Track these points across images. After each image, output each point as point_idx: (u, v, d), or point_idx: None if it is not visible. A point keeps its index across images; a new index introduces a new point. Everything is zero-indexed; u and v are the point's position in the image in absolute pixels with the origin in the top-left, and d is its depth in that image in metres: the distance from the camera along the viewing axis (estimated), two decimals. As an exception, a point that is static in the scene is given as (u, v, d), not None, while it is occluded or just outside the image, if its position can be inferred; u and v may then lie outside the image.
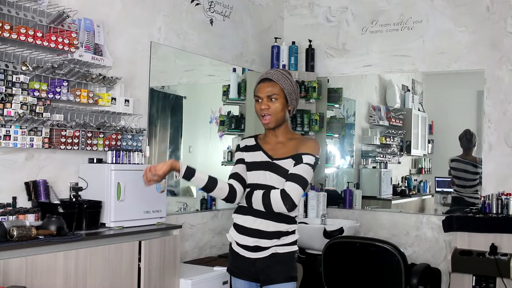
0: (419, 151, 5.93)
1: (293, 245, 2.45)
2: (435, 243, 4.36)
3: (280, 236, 2.40)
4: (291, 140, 2.48)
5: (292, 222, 2.45)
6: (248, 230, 2.41)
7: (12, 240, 2.42)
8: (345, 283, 3.46)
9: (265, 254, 2.39)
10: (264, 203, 2.34)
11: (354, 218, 4.66)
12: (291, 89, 2.43)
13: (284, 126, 2.49)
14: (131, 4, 3.59)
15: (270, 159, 2.45)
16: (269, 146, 2.50)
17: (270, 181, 2.40)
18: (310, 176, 2.38)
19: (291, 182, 2.33)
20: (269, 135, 2.52)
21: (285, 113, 2.45)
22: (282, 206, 2.31)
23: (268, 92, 2.42)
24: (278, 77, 2.42)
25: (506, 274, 3.60)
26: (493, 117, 4.26)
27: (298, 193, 2.32)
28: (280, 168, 2.40)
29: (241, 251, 2.44)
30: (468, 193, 4.27)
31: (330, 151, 5.18)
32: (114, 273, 2.84)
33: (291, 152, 2.42)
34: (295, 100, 2.46)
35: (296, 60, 4.88)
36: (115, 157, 3.15)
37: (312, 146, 2.43)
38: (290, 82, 2.43)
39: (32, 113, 2.83)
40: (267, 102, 2.42)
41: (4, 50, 2.75)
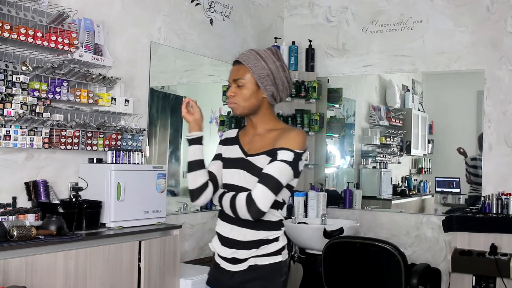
0: (419, 151, 5.93)
1: (276, 255, 2.04)
2: (435, 243, 4.36)
3: (258, 245, 2.02)
4: (271, 132, 2.09)
5: (274, 228, 2.05)
6: (226, 240, 2.06)
7: (12, 240, 2.42)
8: (345, 283, 3.46)
9: (243, 266, 2.02)
10: (231, 208, 1.99)
11: (354, 218, 4.66)
12: (264, 73, 2.03)
13: (261, 115, 2.11)
14: (131, 4, 3.59)
15: (244, 155, 2.09)
16: (247, 139, 2.14)
17: (245, 182, 2.03)
18: (286, 176, 1.98)
19: (259, 185, 1.95)
20: (248, 126, 2.18)
21: (258, 100, 2.07)
22: (246, 213, 1.94)
23: (234, 76, 2.09)
24: (249, 59, 2.06)
25: (506, 274, 3.60)
26: (493, 117, 4.26)
27: (266, 198, 1.93)
28: (255, 166, 2.03)
29: (221, 262, 2.08)
30: None
31: (330, 151, 5.18)
32: (114, 273, 2.84)
33: (268, 146, 2.04)
34: (273, 86, 2.05)
35: (296, 60, 4.88)
36: (115, 157, 3.15)
37: (292, 139, 2.02)
38: (266, 64, 2.03)
39: (32, 113, 2.83)
40: (235, 89, 2.08)
41: (4, 50, 2.75)
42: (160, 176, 3.26)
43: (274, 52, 2.09)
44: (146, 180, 3.18)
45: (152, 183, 3.21)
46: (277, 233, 2.06)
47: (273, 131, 2.09)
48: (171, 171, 4.18)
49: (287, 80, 2.09)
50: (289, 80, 2.10)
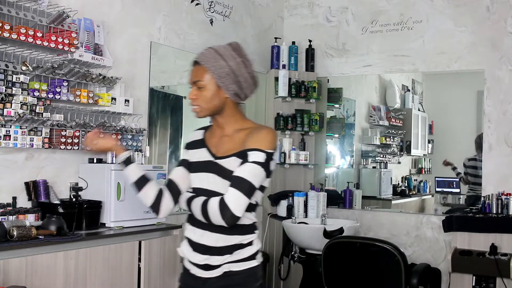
0: (419, 151, 5.93)
1: (251, 259, 1.96)
2: (435, 243, 4.36)
3: (232, 250, 1.93)
4: (240, 132, 1.98)
5: (248, 232, 1.97)
6: (197, 246, 1.96)
7: (12, 240, 2.42)
8: (345, 283, 3.46)
9: (216, 273, 1.93)
10: (203, 213, 1.90)
11: (354, 218, 4.65)
12: (224, 72, 1.91)
13: (227, 115, 2.00)
14: (131, 4, 3.59)
15: (213, 157, 1.98)
16: (214, 140, 2.03)
17: (215, 186, 1.94)
18: (258, 178, 1.88)
19: (232, 189, 1.85)
20: (214, 126, 2.06)
21: (220, 101, 1.96)
22: (220, 219, 1.85)
23: (193, 78, 1.97)
24: (207, 58, 1.94)
25: (506, 274, 3.60)
26: (493, 117, 4.26)
27: (240, 203, 1.84)
28: (225, 169, 1.92)
29: (193, 268, 1.99)
30: (481, 190, 4.29)
31: (330, 151, 5.18)
32: (114, 273, 2.84)
33: (237, 147, 1.94)
34: (235, 84, 1.94)
35: (296, 60, 4.88)
36: (115, 157, 3.14)
37: (263, 139, 1.91)
38: (225, 62, 1.91)
39: (32, 113, 2.83)
40: (195, 91, 1.96)
41: (4, 50, 2.75)
42: (160, 176, 3.26)
43: (234, 48, 1.97)
44: (146, 180, 3.17)
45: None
46: (251, 237, 1.98)
47: (241, 131, 1.98)
48: (171, 171, 4.18)
49: (251, 76, 1.97)
50: (253, 76, 1.99)
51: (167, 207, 2.04)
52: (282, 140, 4.74)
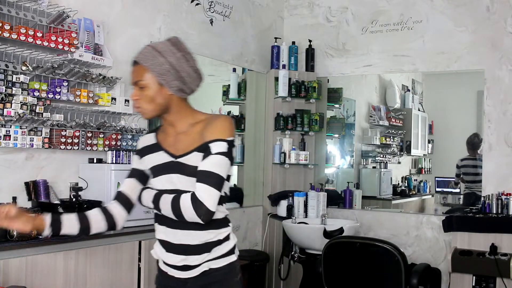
0: (419, 151, 5.93)
1: (229, 255, 1.94)
2: (435, 243, 4.36)
3: (210, 248, 1.90)
4: (195, 126, 1.92)
5: (222, 226, 1.93)
6: (173, 247, 1.91)
7: (12, 240, 2.42)
8: (345, 283, 3.46)
9: (196, 272, 1.90)
10: (175, 212, 1.83)
11: (354, 218, 4.65)
12: (164, 68, 1.85)
13: (176, 111, 1.93)
14: (131, 4, 3.59)
15: (173, 157, 1.92)
16: (170, 140, 1.96)
17: (180, 185, 1.88)
18: (225, 168, 1.84)
19: (202, 184, 1.80)
20: (166, 126, 2.00)
21: (165, 98, 1.90)
22: (195, 216, 1.79)
23: (134, 78, 1.91)
24: (145, 57, 1.88)
25: (506, 274, 3.60)
26: (493, 117, 4.26)
27: (212, 197, 1.80)
28: (188, 166, 1.87)
29: (170, 270, 1.95)
30: (478, 188, 4.30)
31: (330, 151, 5.19)
32: (114, 273, 2.84)
33: (196, 142, 1.88)
34: (178, 79, 1.88)
35: (296, 60, 4.88)
36: (115, 157, 3.15)
37: (221, 128, 1.87)
38: (164, 59, 1.86)
39: (32, 113, 2.83)
40: (137, 92, 1.90)
41: (4, 50, 2.75)
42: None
43: (173, 43, 1.91)
44: (146, 180, 3.17)
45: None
46: (227, 231, 1.95)
47: (196, 124, 1.93)
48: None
49: (194, 69, 1.91)
50: (196, 69, 1.93)
51: (122, 221, 1.99)
52: (282, 140, 4.74)
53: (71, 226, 1.89)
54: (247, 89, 4.76)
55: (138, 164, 2.03)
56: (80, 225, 1.90)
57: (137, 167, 2.03)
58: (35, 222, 1.83)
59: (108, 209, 1.98)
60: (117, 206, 1.98)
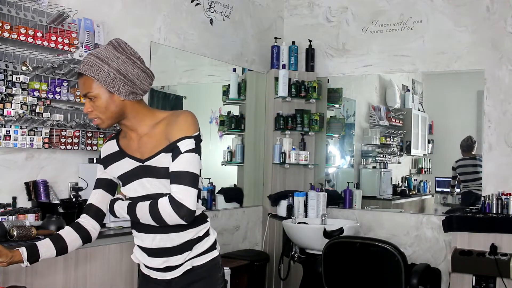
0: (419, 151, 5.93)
1: (211, 250, 1.93)
2: (435, 243, 4.36)
3: (191, 246, 1.88)
4: (156, 126, 1.86)
5: (200, 223, 1.91)
6: (152, 251, 1.89)
7: (12, 240, 2.42)
8: (345, 283, 3.46)
9: (179, 272, 1.88)
10: (154, 219, 1.79)
11: (354, 218, 4.66)
12: (111, 76, 1.78)
13: (133, 115, 1.87)
14: (131, 4, 3.59)
15: (140, 162, 1.87)
16: (133, 145, 1.90)
17: (152, 189, 1.85)
18: (196, 165, 1.80)
19: (178, 185, 1.77)
20: (126, 131, 1.93)
21: (118, 105, 1.82)
22: (177, 218, 1.76)
23: (82, 91, 1.83)
24: (89, 67, 1.78)
25: (506, 274, 3.60)
26: (493, 117, 4.26)
27: (191, 196, 1.76)
28: (157, 169, 1.83)
29: (152, 273, 1.92)
30: (475, 186, 4.35)
31: (330, 151, 5.19)
32: (114, 273, 2.84)
33: (161, 142, 1.83)
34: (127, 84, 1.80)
35: (296, 60, 4.88)
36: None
37: (184, 124, 1.82)
38: (108, 66, 1.78)
39: (32, 113, 2.83)
40: (89, 103, 1.83)
41: (4, 50, 2.75)
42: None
43: (115, 46, 1.83)
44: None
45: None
46: (205, 227, 1.92)
47: (157, 124, 1.87)
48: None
49: (142, 69, 1.84)
50: (144, 69, 1.85)
51: (96, 233, 1.96)
52: (282, 140, 4.74)
53: (47, 251, 1.85)
54: (247, 89, 4.76)
55: (103, 173, 1.97)
56: (56, 248, 1.87)
57: (102, 176, 1.97)
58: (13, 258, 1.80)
59: (80, 224, 1.94)
60: (89, 220, 1.95)
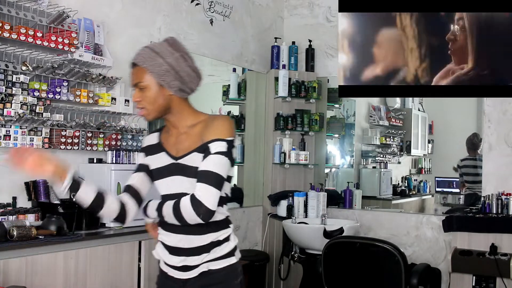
0: (419, 151, 5.94)
1: (229, 256, 1.93)
2: (435, 243, 4.36)
3: (209, 248, 1.90)
4: (195, 126, 1.92)
5: (222, 227, 1.93)
6: (173, 249, 1.93)
7: (12, 240, 2.42)
8: (345, 283, 3.46)
9: (195, 273, 1.90)
10: (176, 216, 1.84)
11: (354, 218, 4.65)
12: (163, 69, 1.86)
13: (177, 112, 1.94)
14: (131, 4, 3.59)
15: (173, 159, 1.93)
16: (172, 141, 1.97)
17: (183, 188, 1.88)
18: (225, 168, 1.84)
19: (201, 184, 1.81)
20: (169, 126, 1.99)
21: (165, 99, 1.90)
22: (195, 216, 1.80)
23: (134, 80, 1.92)
24: (144, 58, 1.88)
25: (506, 274, 3.60)
26: (493, 117, 4.25)
27: (212, 196, 1.80)
28: (189, 167, 1.87)
29: (170, 270, 1.96)
30: (480, 188, 4.29)
31: (330, 151, 5.19)
32: (114, 273, 2.84)
33: (196, 142, 1.88)
34: (177, 80, 1.88)
35: (296, 60, 4.88)
36: (115, 157, 3.15)
37: (220, 128, 1.86)
38: (163, 60, 1.86)
39: (32, 113, 2.83)
40: (138, 93, 1.91)
41: (4, 50, 2.75)
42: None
43: (170, 43, 1.91)
44: (146, 180, 3.17)
45: (152, 183, 3.21)
46: (226, 232, 1.93)
47: (196, 125, 1.92)
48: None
49: (192, 68, 1.91)
50: (195, 69, 1.92)
51: (132, 214, 1.97)
52: (282, 140, 4.74)
53: (86, 192, 1.87)
54: (247, 89, 4.76)
55: (144, 160, 2.02)
56: (94, 199, 1.88)
57: (144, 162, 2.02)
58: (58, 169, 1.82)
59: (123, 201, 1.96)
60: (129, 198, 1.97)
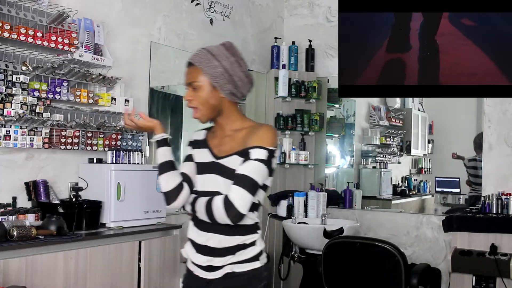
0: (419, 151, 5.93)
1: (254, 260, 1.96)
2: (435, 243, 4.36)
3: (235, 251, 1.94)
4: (240, 131, 1.99)
5: (250, 232, 1.97)
6: (200, 247, 1.98)
7: (12, 240, 2.42)
8: (345, 283, 3.46)
9: (219, 274, 1.95)
10: (207, 213, 1.91)
11: (354, 218, 4.65)
12: (218, 72, 1.93)
13: (226, 115, 2.01)
14: (131, 4, 3.59)
15: (215, 158, 2.00)
16: (216, 141, 2.04)
17: (217, 187, 1.95)
18: (262, 175, 1.90)
19: (235, 186, 1.86)
20: (216, 127, 2.07)
21: (218, 101, 1.98)
22: (225, 217, 1.86)
23: (188, 79, 2.01)
24: (200, 59, 1.97)
25: (506, 274, 3.60)
26: (493, 117, 4.25)
27: (244, 200, 1.85)
28: (227, 169, 1.94)
29: (196, 269, 2.01)
30: None
31: (330, 151, 5.19)
32: (114, 273, 2.84)
33: (239, 146, 1.94)
34: (230, 83, 1.95)
35: (296, 60, 4.88)
36: (115, 157, 3.15)
37: (263, 136, 1.92)
38: (219, 63, 1.93)
39: (32, 113, 2.83)
40: (191, 92, 2.00)
41: (4, 50, 2.75)
42: (160, 176, 3.26)
43: (227, 48, 1.99)
44: (146, 180, 3.18)
45: (152, 183, 3.21)
46: (254, 237, 1.97)
47: (241, 130, 2.00)
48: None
49: (245, 74, 1.99)
50: (248, 74, 2.01)
51: (183, 199, 2.01)
52: (282, 140, 4.74)
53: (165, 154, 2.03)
54: (247, 89, 4.76)
55: (191, 152, 2.11)
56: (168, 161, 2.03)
57: (192, 153, 2.10)
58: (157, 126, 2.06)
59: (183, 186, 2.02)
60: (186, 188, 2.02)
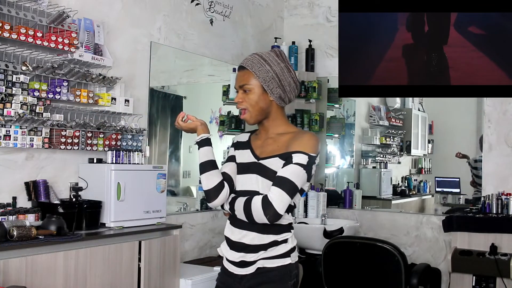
0: (419, 151, 5.93)
1: (285, 257, 2.05)
2: (435, 243, 4.36)
3: (267, 247, 2.03)
4: (284, 135, 2.09)
5: (284, 231, 2.06)
6: (235, 244, 2.08)
7: (12, 240, 2.42)
8: (345, 283, 3.46)
9: (251, 270, 2.04)
10: (245, 212, 1.99)
11: (354, 218, 4.65)
12: (269, 76, 2.04)
13: (272, 118, 2.11)
14: (131, 4, 3.59)
15: (256, 159, 2.09)
16: (258, 143, 2.14)
17: (257, 187, 2.05)
18: (301, 179, 1.99)
19: (275, 188, 1.96)
20: (260, 129, 2.17)
21: (267, 104, 2.08)
22: (263, 216, 1.95)
23: (240, 82, 2.09)
24: (253, 63, 2.06)
25: (506, 274, 3.60)
26: (493, 117, 4.25)
27: (282, 201, 1.95)
28: (268, 169, 2.03)
29: (230, 266, 2.11)
30: None
31: (330, 151, 5.19)
32: (114, 273, 2.84)
33: (281, 149, 2.05)
34: (280, 88, 2.06)
35: (296, 60, 4.88)
36: (115, 157, 3.15)
37: (306, 142, 2.02)
38: (270, 67, 2.04)
39: (32, 113, 2.83)
40: (242, 95, 2.09)
41: (4, 50, 2.75)
42: (160, 176, 3.26)
43: (278, 54, 2.10)
44: (146, 180, 3.18)
45: (152, 183, 3.21)
46: (287, 235, 2.06)
47: (285, 134, 2.09)
48: (171, 171, 4.18)
49: (294, 80, 2.10)
50: (295, 80, 2.11)
51: (223, 198, 2.08)
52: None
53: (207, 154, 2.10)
54: (247, 89, 4.76)
55: (232, 153, 2.19)
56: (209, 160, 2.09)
57: (232, 154, 2.19)
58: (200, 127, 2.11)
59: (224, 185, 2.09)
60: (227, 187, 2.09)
